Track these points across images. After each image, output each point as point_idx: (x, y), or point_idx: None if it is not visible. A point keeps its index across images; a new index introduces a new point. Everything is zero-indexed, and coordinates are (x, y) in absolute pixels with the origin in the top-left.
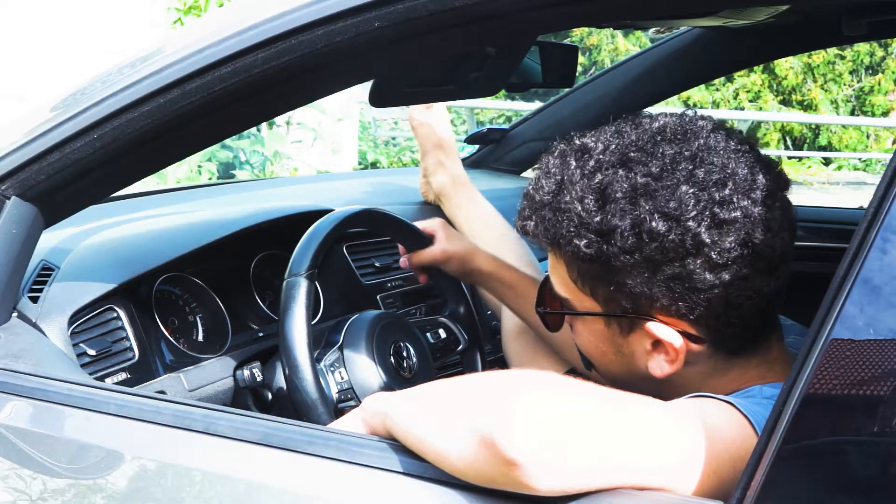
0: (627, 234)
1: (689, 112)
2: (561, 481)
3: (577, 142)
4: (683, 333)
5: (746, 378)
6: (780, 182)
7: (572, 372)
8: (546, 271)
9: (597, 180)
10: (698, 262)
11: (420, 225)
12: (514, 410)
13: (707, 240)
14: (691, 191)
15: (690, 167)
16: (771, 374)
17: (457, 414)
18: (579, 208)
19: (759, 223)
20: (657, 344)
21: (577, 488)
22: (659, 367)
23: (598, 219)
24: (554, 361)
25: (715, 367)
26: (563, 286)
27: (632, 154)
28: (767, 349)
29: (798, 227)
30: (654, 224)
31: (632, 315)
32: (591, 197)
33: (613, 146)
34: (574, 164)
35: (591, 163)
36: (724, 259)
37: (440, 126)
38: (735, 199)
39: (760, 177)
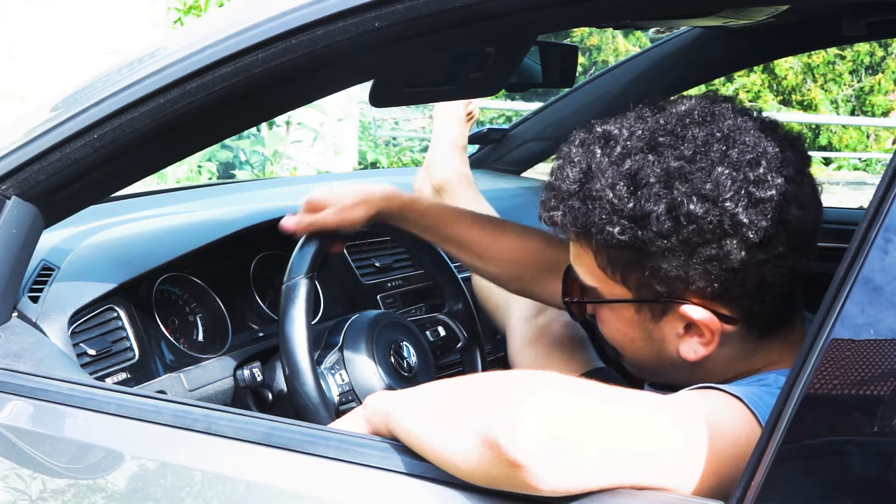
0: (664, 218)
1: (710, 94)
2: (565, 482)
3: (599, 129)
4: (717, 314)
5: (770, 360)
6: (805, 157)
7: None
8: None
9: (626, 166)
10: (735, 242)
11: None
12: (518, 411)
13: (745, 220)
14: (727, 171)
15: (724, 148)
16: (789, 358)
17: (459, 415)
18: (611, 195)
19: (792, 200)
20: (689, 327)
21: (580, 488)
22: (693, 350)
23: (631, 205)
24: (567, 369)
25: (743, 349)
26: (589, 274)
27: (660, 138)
28: (791, 329)
29: None
30: (691, 206)
31: (665, 299)
32: (622, 183)
33: (640, 132)
34: (599, 151)
35: (619, 149)
36: (760, 238)
37: (462, 122)
38: (769, 178)
39: (789, 153)
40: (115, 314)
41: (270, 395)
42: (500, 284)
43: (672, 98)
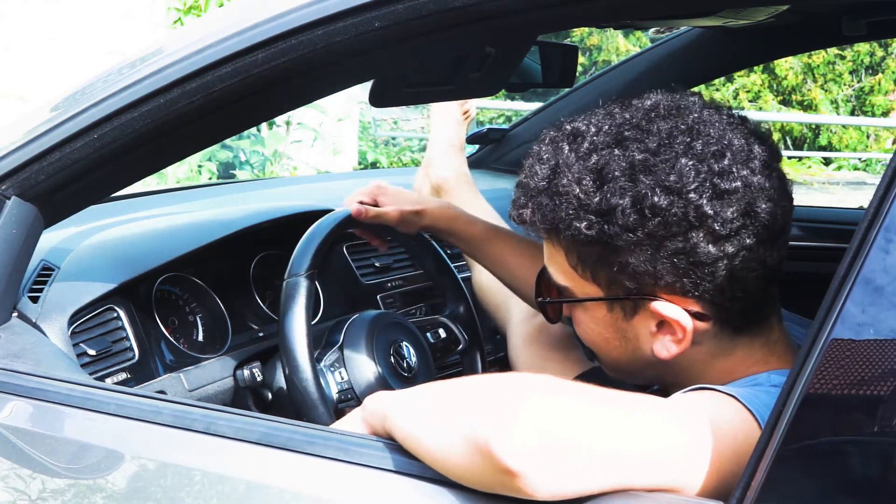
0: (629, 211)
1: (679, 89)
2: (560, 487)
3: (568, 127)
4: (689, 311)
5: (751, 361)
6: (774, 153)
7: (582, 377)
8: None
9: (592, 161)
10: (701, 234)
11: (358, 191)
12: (511, 418)
13: (710, 211)
14: (690, 163)
15: (688, 140)
16: (774, 358)
17: (454, 418)
18: (577, 190)
19: (759, 192)
20: (662, 324)
21: (576, 493)
22: (665, 348)
23: (597, 199)
24: (565, 369)
25: (720, 347)
26: (561, 274)
27: (626, 133)
28: (770, 329)
29: (798, 227)
30: (655, 199)
31: (636, 296)
32: (588, 178)
33: (606, 127)
34: (567, 148)
35: (586, 145)
36: (727, 230)
37: (460, 121)
38: (734, 169)
39: (756, 147)
40: (115, 314)
41: (270, 396)
42: (529, 303)
43: (643, 95)
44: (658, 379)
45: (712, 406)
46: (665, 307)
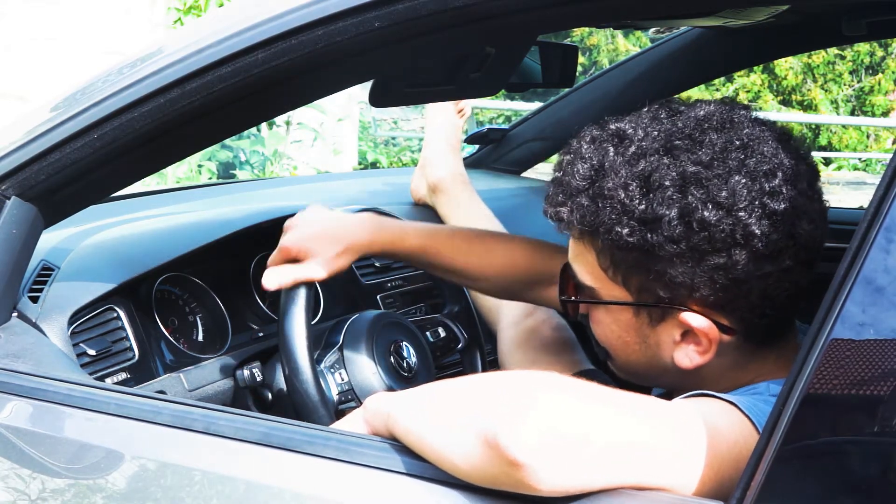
0: (675, 222)
1: (727, 100)
2: (564, 482)
3: (612, 127)
4: (716, 324)
5: (763, 371)
6: (815, 172)
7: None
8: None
9: (640, 167)
10: (745, 253)
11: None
12: (518, 411)
13: (757, 231)
14: (743, 181)
15: (742, 156)
16: (782, 370)
17: (459, 414)
18: (622, 195)
19: (803, 214)
20: (686, 334)
21: (580, 488)
22: (688, 357)
23: (642, 206)
24: (555, 371)
25: (738, 359)
26: (589, 274)
27: (676, 142)
28: (785, 342)
29: None
30: (704, 213)
31: (666, 305)
32: (635, 184)
33: (655, 133)
34: (612, 150)
35: (633, 149)
36: (769, 250)
37: (455, 122)
38: (784, 190)
39: (803, 167)
40: (115, 314)
41: (270, 396)
42: (491, 295)
43: (692, 101)
44: (669, 384)
45: (713, 412)
46: (695, 318)
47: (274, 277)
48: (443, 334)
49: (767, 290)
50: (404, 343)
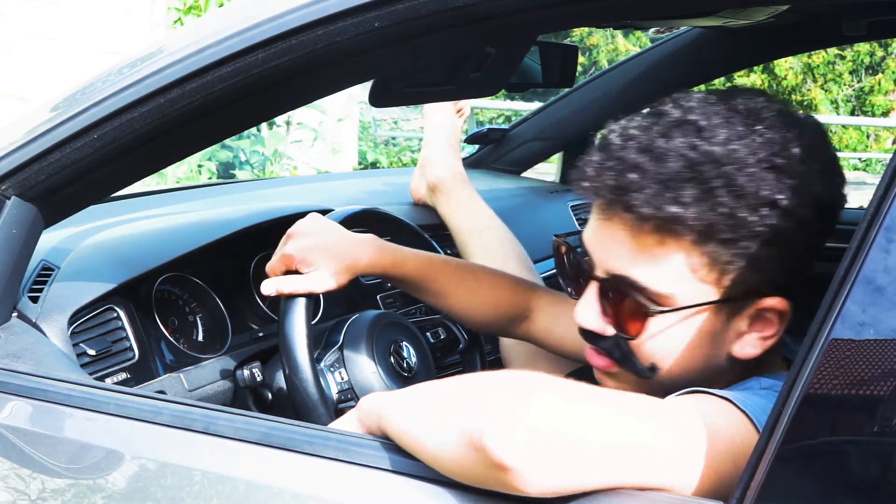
0: (805, 208)
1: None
2: (552, 483)
3: (739, 111)
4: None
5: (770, 364)
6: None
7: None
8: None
9: (770, 161)
10: (820, 239)
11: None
12: (504, 413)
13: (812, 214)
14: (837, 179)
15: (822, 154)
16: (765, 364)
17: (448, 415)
18: (753, 187)
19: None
20: (754, 322)
21: (569, 490)
22: (751, 346)
23: (766, 192)
24: (555, 366)
25: (763, 353)
26: (670, 277)
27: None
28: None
29: None
30: (820, 201)
31: (753, 294)
32: (770, 177)
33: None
34: (738, 137)
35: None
36: (828, 234)
37: (454, 121)
38: (843, 186)
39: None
40: (115, 314)
41: (270, 396)
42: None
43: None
44: (699, 384)
45: (708, 408)
46: (779, 302)
47: (273, 286)
48: (443, 335)
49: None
50: (404, 343)
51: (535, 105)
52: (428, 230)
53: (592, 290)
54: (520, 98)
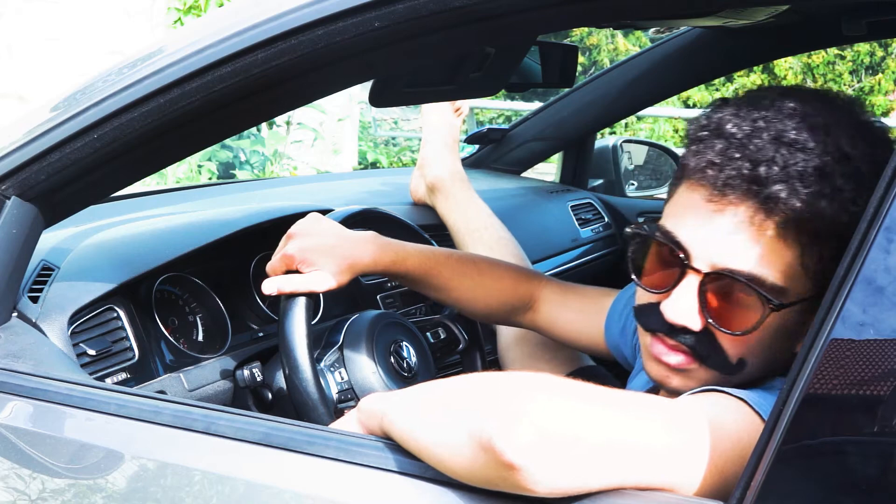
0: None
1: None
2: (560, 483)
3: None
4: None
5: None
6: None
7: (573, 375)
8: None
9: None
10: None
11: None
12: (513, 413)
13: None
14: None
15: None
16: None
17: (454, 415)
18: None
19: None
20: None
21: (577, 489)
22: None
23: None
24: (553, 367)
25: None
26: (784, 273)
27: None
28: None
29: None
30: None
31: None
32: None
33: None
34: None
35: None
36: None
37: (452, 121)
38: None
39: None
40: (115, 314)
41: (270, 396)
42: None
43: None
44: (755, 379)
45: (718, 407)
46: None
47: (274, 285)
48: (443, 335)
49: None
50: (404, 343)
51: (535, 105)
52: (428, 230)
53: (691, 283)
54: (520, 98)
